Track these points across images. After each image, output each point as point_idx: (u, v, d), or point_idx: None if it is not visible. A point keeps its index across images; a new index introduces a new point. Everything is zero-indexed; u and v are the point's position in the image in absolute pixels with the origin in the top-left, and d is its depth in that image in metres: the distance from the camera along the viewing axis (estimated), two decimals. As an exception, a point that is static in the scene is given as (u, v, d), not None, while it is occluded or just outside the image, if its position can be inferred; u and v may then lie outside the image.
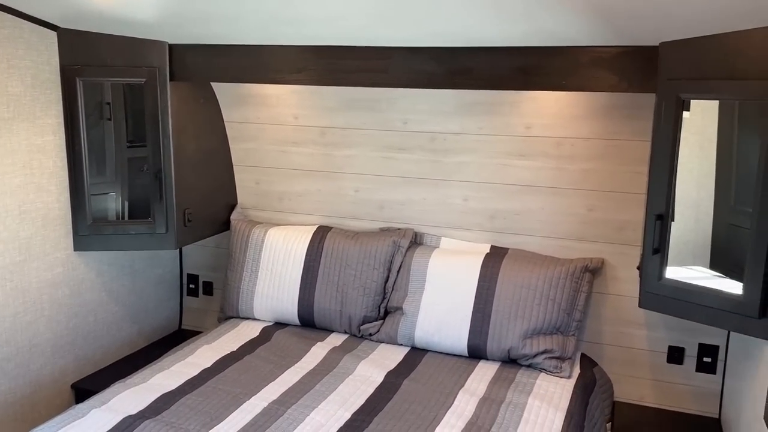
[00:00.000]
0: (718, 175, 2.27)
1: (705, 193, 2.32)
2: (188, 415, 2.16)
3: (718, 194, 2.28)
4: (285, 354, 2.68)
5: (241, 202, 3.30)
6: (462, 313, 2.70)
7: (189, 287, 3.49)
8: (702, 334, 2.67)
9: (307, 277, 2.96)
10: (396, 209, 3.03)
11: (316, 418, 2.18)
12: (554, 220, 2.79)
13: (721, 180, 2.27)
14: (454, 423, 2.15)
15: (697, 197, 2.34)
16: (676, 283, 2.15)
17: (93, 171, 2.78)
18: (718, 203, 2.28)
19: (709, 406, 2.70)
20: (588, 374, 2.65)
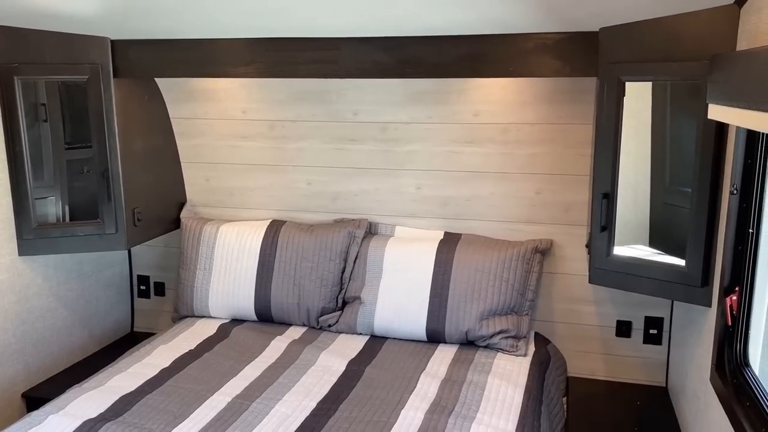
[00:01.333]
0: (653, 157, 2.38)
1: (642, 175, 2.43)
2: (150, 415, 2.13)
3: (654, 176, 2.39)
4: (244, 349, 2.67)
5: (191, 200, 3.25)
6: (419, 299, 2.75)
7: (140, 288, 3.42)
8: (647, 307, 2.80)
9: (263, 271, 2.95)
10: (350, 200, 3.04)
11: (281, 409, 2.18)
12: (504, 204, 2.87)
13: (656, 162, 2.38)
14: (418, 405, 2.20)
15: (634, 179, 2.44)
16: (624, 259, 2.25)
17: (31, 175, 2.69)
18: (654, 184, 2.40)
19: (657, 376, 2.83)
20: (542, 351, 2.74)
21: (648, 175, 2.43)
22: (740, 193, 1.74)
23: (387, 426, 2.06)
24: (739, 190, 1.74)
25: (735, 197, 1.75)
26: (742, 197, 1.74)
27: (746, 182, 1.73)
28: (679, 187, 2.35)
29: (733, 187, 1.75)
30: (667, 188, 2.43)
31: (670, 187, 2.43)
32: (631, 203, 2.48)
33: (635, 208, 2.48)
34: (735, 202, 1.76)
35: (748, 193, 1.73)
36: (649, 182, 2.43)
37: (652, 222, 2.46)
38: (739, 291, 1.77)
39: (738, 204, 1.75)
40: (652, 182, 2.41)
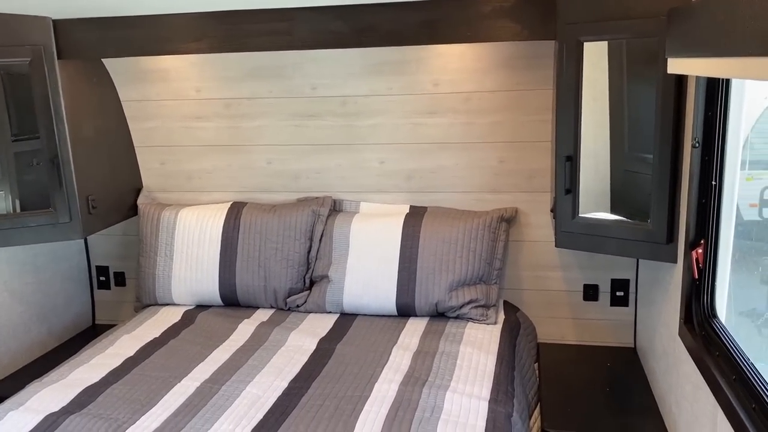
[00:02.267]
0: (611, 125, 2.39)
1: (601, 143, 2.43)
2: (116, 405, 2.06)
3: (613, 143, 2.40)
4: (211, 334, 2.61)
5: (147, 185, 3.15)
6: (388, 274, 2.72)
7: (99, 280, 3.31)
8: (613, 270, 2.83)
9: (226, 255, 2.88)
10: (312, 178, 2.99)
11: (253, 391, 2.13)
12: (468, 174, 2.85)
13: (615, 130, 2.38)
14: (392, 378, 2.17)
15: (594, 147, 2.45)
16: (589, 221, 2.25)
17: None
18: (613, 152, 2.40)
19: (625, 337, 2.87)
20: (512, 319, 2.75)
21: (607, 143, 2.43)
22: (702, 146, 1.75)
23: (361, 400, 2.04)
24: (701, 143, 1.74)
25: (697, 150, 1.76)
26: (704, 150, 1.75)
27: (707, 135, 1.74)
28: (639, 153, 2.36)
29: (695, 140, 1.76)
30: (627, 155, 2.44)
31: (629, 154, 2.44)
32: (592, 172, 2.48)
33: (596, 177, 2.49)
34: (697, 155, 1.76)
35: (710, 145, 1.74)
36: (608, 150, 2.44)
37: (612, 189, 2.46)
38: (705, 244, 1.78)
39: (700, 157, 1.76)
40: (611, 150, 2.42)
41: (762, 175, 2.85)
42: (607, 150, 2.43)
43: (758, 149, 2.62)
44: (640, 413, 2.29)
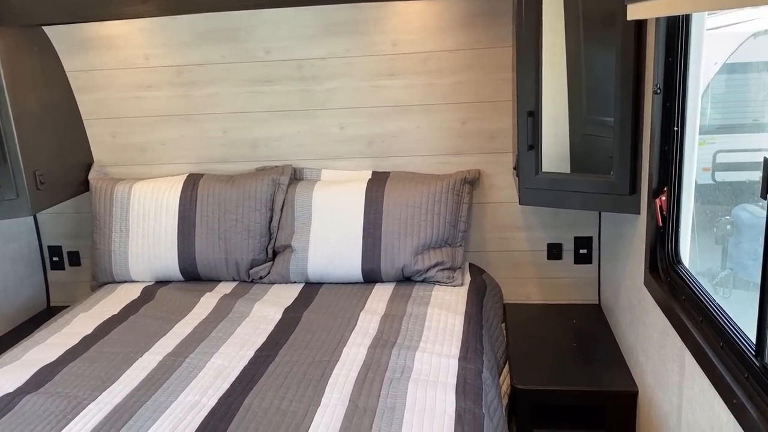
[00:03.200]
0: (570, 89, 2.38)
1: (560, 108, 2.42)
2: (75, 382, 1.98)
3: (571, 108, 2.39)
4: (172, 309, 2.53)
5: (98, 159, 3.02)
6: (352, 241, 2.68)
7: (52, 260, 3.19)
8: (576, 228, 2.84)
9: (184, 228, 2.79)
10: (270, 146, 2.91)
11: (218, 362, 2.08)
12: (430, 137, 2.81)
13: (573, 94, 2.37)
14: (360, 341, 2.14)
15: (553, 112, 2.43)
16: (552, 175, 2.24)
17: None
18: (572, 116, 2.40)
19: (590, 294, 2.89)
20: (478, 281, 2.74)
21: (566, 108, 2.42)
22: (663, 93, 1.74)
23: (330, 364, 2.00)
24: (662, 89, 1.74)
25: (658, 97, 1.75)
26: (666, 96, 1.74)
27: (668, 81, 1.73)
28: (597, 116, 2.37)
29: (656, 87, 1.75)
30: (585, 118, 2.44)
31: (587, 117, 2.44)
32: (551, 137, 2.47)
33: (555, 142, 2.48)
34: (659, 101, 1.76)
35: (671, 91, 1.73)
36: (567, 115, 2.43)
37: (572, 154, 2.46)
38: (668, 191, 1.78)
39: (662, 103, 1.75)
40: (570, 114, 2.41)
41: (714, 139, 2.90)
42: (566, 115, 2.42)
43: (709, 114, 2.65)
44: (607, 366, 2.32)
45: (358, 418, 1.70)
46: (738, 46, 2.84)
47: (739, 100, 2.87)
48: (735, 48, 2.84)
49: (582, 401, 2.21)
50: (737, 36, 2.83)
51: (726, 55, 2.83)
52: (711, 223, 2.65)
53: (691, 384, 1.56)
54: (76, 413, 1.80)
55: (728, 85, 2.85)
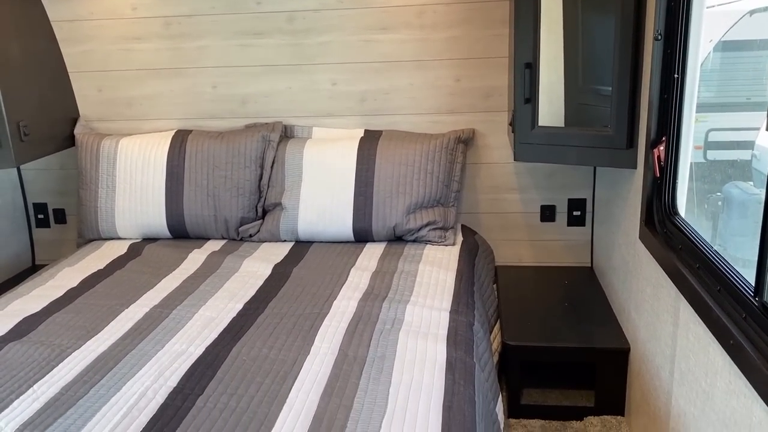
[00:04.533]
0: (566, 57, 2.33)
1: (556, 76, 2.37)
2: (59, 332, 1.94)
3: (567, 76, 2.34)
4: (160, 265, 2.49)
5: (85, 114, 2.95)
6: (343, 200, 2.64)
7: (38, 218, 3.13)
8: (570, 190, 2.81)
9: (172, 184, 2.74)
10: (261, 102, 2.85)
11: (206, 314, 2.04)
12: (423, 95, 2.76)
13: (570, 62, 2.32)
14: (351, 295, 2.11)
15: (548, 81, 2.38)
16: (549, 130, 2.20)
17: None
18: (568, 85, 2.35)
19: (582, 257, 2.87)
20: (470, 241, 2.71)
21: (562, 76, 2.37)
22: (664, 39, 1.70)
23: (320, 317, 1.97)
24: (663, 35, 1.69)
25: (659, 43, 1.71)
26: (666, 43, 1.70)
27: (670, 27, 1.69)
28: (593, 86, 2.32)
29: (657, 33, 1.70)
30: (581, 88, 2.39)
31: (583, 87, 2.40)
32: (546, 105, 2.43)
33: (550, 111, 2.44)
34: (659, 48, 1.71)
35: (672, 38, 1.69)
36: (563, 83, 2.38)
37: (567, 123, 2.42)
38: (666, 141, 1.75)
39: (662, 50, 1.71)
40: (566, 83, 2.36)
41: (706, 117, 2.86)
42: (562, 83, 2.37)
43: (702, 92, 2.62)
44: (598, 324, 2.30)
45: (348, 366, 1.68)
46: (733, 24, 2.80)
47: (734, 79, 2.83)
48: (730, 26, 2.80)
49: (572, 358, 2.20)
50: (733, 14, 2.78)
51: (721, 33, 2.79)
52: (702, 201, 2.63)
53: (686, 333, 1.54)
54: (60, 360, 1.77)
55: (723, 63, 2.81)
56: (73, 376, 1.69)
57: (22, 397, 1.60)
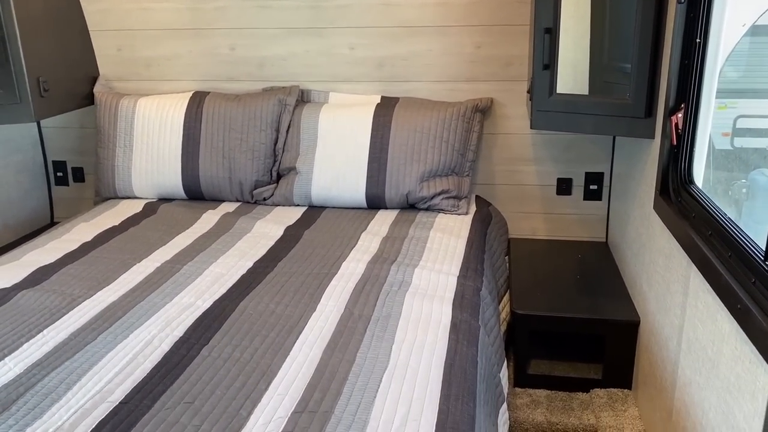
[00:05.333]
0: (592, 34, 2.27)
1: (581, 53, 2.32)
2: (71, 282, 1.97)
3: (593, 53, 2.29)
4: (174, 223, 2.51)
5: (104, 73, 2.97)
6: (357, 165, 2.63)
7: (57, 176, 3.17)
8: (588, 163, 2.77)
9: (188, 145, 2.75)
10: (278, 66, 2.84)
11: (216, 270, 2.06)
12: (442, 62, 2.73)
13: (596, 39, 2.27)
14: (360, 258, 2.11)
15: (573, 57, 2.34)
16: (566, 97, 2.17)
17: None
18: (593, 62, 2.30)
19: (597, 232, 2.84)
20: (484, 211, 2.69)
21: (587, 53, 2.32)
22: (687, 2, 1.65)
23: (328, 276, 1.98)
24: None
25: (682, 7, 1.66)
26: (690, 6, 1.65)
27: (694, -10, 1.64)
28: (618, 63, 2.26)
29: (681, -4, 1.66)
30: (606, 66, 2.34)
31: (609, 65, 2.34)
32: (571, 82, 2.38)
33: (574, 88, 2.39)
34: (682, 12, 1.67)
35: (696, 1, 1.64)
36: (588, 60, 2.33)
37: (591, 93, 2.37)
38: (685, 108, 1.71)
39: (685, 14, 1.66)
40: (591, 60, 2.31)
41: (735, 103, 2.79)
42: (587, 60, 2.32)
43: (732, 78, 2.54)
44: (609, 297, 2.28)
45: (353, 323, 1.68)
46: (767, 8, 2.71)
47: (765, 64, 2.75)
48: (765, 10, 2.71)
49: (581, 330, 2.18)
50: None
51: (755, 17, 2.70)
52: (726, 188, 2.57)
53: (695, 302, 1.52)
54: (71, 308, 1.80)
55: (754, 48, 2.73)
56: (82, 323, 1.72)
57: (32, 340, 1.63)
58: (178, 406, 1.36)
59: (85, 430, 1.28)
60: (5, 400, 1.38)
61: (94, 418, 1.32)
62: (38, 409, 1.35)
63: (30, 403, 1.37)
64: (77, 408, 1.35)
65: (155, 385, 1.43)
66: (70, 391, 1.41)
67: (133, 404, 1.36)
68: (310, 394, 1.38)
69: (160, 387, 1.42)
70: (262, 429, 1.27)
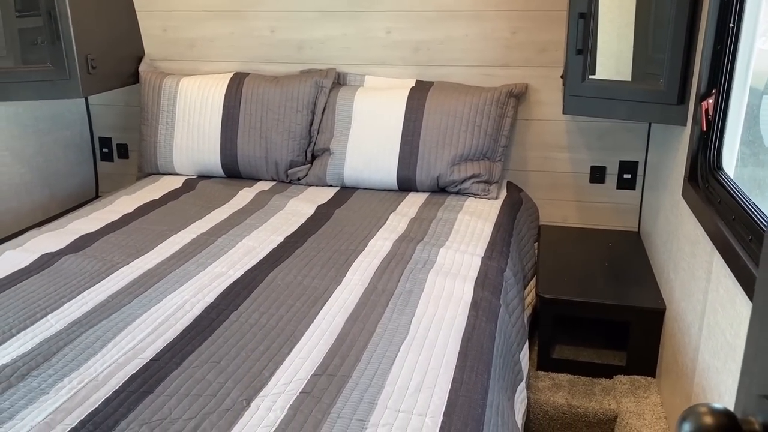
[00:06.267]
0: (636, 24, 2.25)
1: (625, 44, 2.30)
2: (111, 250, 2.07)
3: (636, 44, 2.27)
4: (211, 199, 2.60)
5: (149, 53, 3.07)
6: (390, 148, 2.67)
7: (102, 152, 3.29)
8: (622, 151, 2.75)
9: (228, 125, 2.83)
10: (316, 48, 2.89)
11: (248, 243, 2.13)
12: (478, 47, 2.74)
13: (640, 30, 2.25)
14: (387, 236, 2.16)
15: (617, 48, 2.32)
16: (600, 83, 2.16)
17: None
18: (636, 53, 2.27)
19: (630, 221, 2.82)
20: (515, 197, 2.70)
21: (631, 45, 2.30)
22: (723, -14, 1.63)
23: (355, 253, 2.03)
24: (722, -18, 1.63)
25: (717, -9, 1.65)
26: (725, -10, 1.64)
27: (729, -26, 1.63)
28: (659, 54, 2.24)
29: (716, -20, 1.64)
30: (650, 57, 2.31)
31: (653, 56, 2.32)
32: (614, 73, 2.37)
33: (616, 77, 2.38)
34: (717, -4, 1.65)
35: (731, -15, 1.63)
36: (631, 51, 2.31)
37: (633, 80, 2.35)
38: (716, 93, 1.70)
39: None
40: (634, 51, 2.29)
41: None
42: (630, 51, 2.30)
43: None
44: (636, 284, 2.28)
45: (376, 297, 1.73)
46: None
47: None
48: None
49: (606, 315, 2.18)
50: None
51: None
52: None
53: (716, 287, 1.52)
54: (110, 273, 1.89)
55: None
56: (119, 287, 1.81)
57: (72, 300, 1.72)
58: (205, 365, 1.43)
59: (117, 382, 1.36)
60: (47, 353, 1.47)
61: (126, 372, 1.40)
62: (75, 362, 1.44)
63: (69, 356, 1.46)
64: (111, 362, 1.43)
65: (185, 345, 1.51)
66: (105, 347, 1.50)
67: (163, 362, 1.44)
68: (330, 359, 1.43)
69: (189, 347, 1.50)
70: (282, 388, 1.33)
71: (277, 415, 1.26)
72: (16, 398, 1.31)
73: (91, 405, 1.29)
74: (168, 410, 1.27)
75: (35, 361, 1.44)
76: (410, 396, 1.31)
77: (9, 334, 1.55)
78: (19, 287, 1.79)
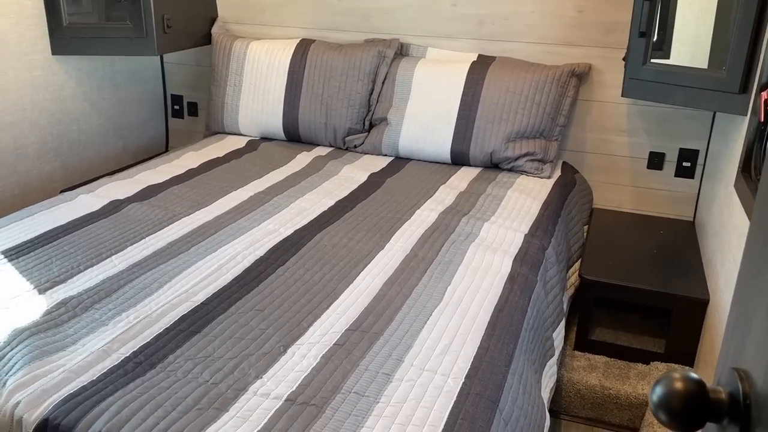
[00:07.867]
0: (719, 8, 2.18)
1: (704, 28, 2.24)
2: (175, 201, 2.21)
3: (716, 30, 2.20)
4: (271, 160, 2.71)
5: (222, 15, 3.19)
6: (446, 120, 2.70)
7: (174, 108, 3.46)
8: (683, 139, 2.70)
9: (291, 90, 2.93)
10: (381, 18, 2.93)
11: (301, 204, 2.23)
12: (543, 24, 2.72)
13: (722, 14, 2.18)
14: (433, 207, 2.22)
15: (695, 33, 2.26)
16: (660, 67, 2.13)
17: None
18: (715, 39, 2.21)
19: (685, 210, 2.77)
20: (568, 177, 2.70)
21: (710, 29, 2.24)
22: (794, -26, 1.58)
23: (400, 222, 2.09)
24: (794, -31, 1.58)
25: (787, -22, 1.60)
26: (796, -22, 1.59)
27: (802, -39, 1.57)
28: None
29: (787, -34, 1.59)
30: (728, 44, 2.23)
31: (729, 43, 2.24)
32: (689, 59, 2.31)
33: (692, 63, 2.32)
34: (787, -17, 1.61)
35: (803, -27, 1.58)
36: (710, 37, 2.24)
37: None
38: (778, 84, 1.66)
39: (789, -14, 1.60)
40: (713, 37, 2.22)
41: None
42: (709, 37, 2.24)
43: None
44: (683, 273, 2.26)
45: (415, 264, 1.79)
46: None
47: None
48: None
49: (648, 301, 2.18)
50: None
51: None
52: None
53: (756, 280, 1.51)
54: (171, 222, 2.03)
55: None
56: (179, 235, 1.94)
57: (135, 244, 1.86)
58: (249, 312, 1.53)
59: (169, 320, 1.49)
60: (108, 289, 1.61)
61: (178, 312, 1.52)
62: (133, 300, 1.57)
63: (128, 293, 1.60)
64: (165, 303, 1.56)
65: (233, 292, 1.62)
66: (161, 289, 1.62)
67: (212, 306, 1.56)
68: (365, 317, 1.51)
69: (237, 295, 1.61)
70: (317, 339, 1.43)
71: (310, 362, 1.35)
72: (80, 327, 1.46)
73: (144, 339, 1.42)
74: (212, 349, 1.39)
75: (98, 296, 1.58)
76: (436, 357, 1.37)
77: (77, 270, 1.70)
78: (88, 229, 1.95)
